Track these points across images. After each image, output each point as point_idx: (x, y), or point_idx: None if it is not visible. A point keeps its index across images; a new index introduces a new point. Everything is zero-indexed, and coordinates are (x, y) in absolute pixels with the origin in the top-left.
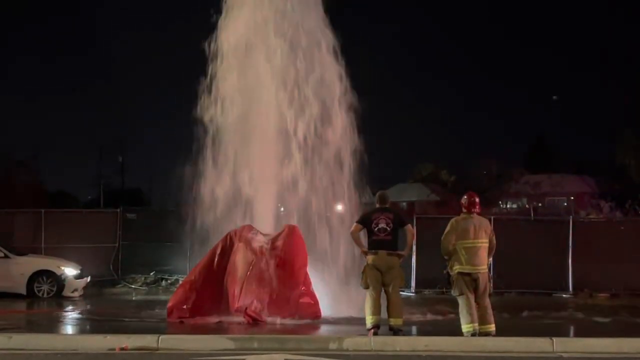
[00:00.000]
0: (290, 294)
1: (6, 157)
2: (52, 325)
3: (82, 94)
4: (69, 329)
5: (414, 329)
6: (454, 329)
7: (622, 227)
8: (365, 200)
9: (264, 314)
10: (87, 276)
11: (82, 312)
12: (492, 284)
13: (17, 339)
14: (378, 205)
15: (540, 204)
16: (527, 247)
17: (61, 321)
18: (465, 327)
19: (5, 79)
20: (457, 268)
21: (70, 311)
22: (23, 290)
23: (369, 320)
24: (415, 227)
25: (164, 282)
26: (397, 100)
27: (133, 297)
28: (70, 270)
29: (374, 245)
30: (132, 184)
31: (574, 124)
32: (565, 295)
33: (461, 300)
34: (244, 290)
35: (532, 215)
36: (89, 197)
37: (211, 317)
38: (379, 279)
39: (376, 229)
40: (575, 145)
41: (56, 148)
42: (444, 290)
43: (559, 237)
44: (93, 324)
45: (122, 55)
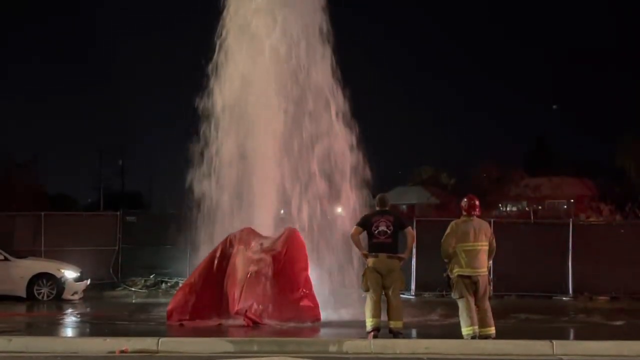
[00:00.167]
0: (290, 297)
1: (6, 160)
2: (52, 328)
3: (82, 96)
4: (69, 331)
5: (414, 331)
6: (454, 332)
7: (622, 230)
8: (365, 203)
9: (264, 316)
10: (87, 279)
11: (82, 315)
12: (492, 287)
13: (17, 341)
14: (378, 208)
15: (540, 207)
16: (527, 250)
17: (61, 324)
18: (465, 330)
19: (6, 81)
20: (457, 271)
21: (70, 314)
22: (23, 293)
23: (369, 323)
24: (415, 230)
25: (163, 284)
26: (397, 102)
27: (133, 300)
28: (70, 273)
29: (375, 248)
30: (132, 187)
31: (574, 126)
32: (565, 298)
33: (461, 303)
34: (244, 293)
35: (532, 218)
36: (89, 200)
37: (211, 320)
38: (379, 282)
39: (376, 232)
40: (575, 148)
41: (56, 151)
42: (444, 293)
43: (559, 240)
44: (93, 327)
45: (123, 58)
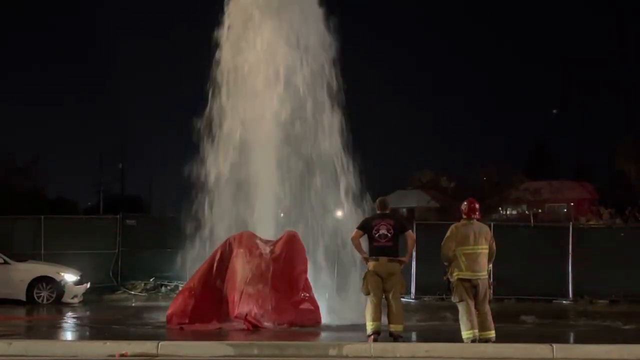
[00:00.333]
0: (290, 300)
1: (6, 164)
2: (51, 332)
3: (82, 99)
4: (69, 335)
5: (414, 335)
6: (454, 336)
7: (622, 234)
8: (365, 206)
9: (264, 320)
10: (87, 282)
11: (81, 319)
12: (492, 290)
13: (17, 345)
14: (379, 211)
15: (540, 211)
16: (527, 254)
17: (61, 327)
18: (465, 334)
19: (6, 83)
20: (457, 274)
21: (69, 317)
22: (23, 297)
23: (370, 326)
24: (415, 234)
25: (163, 288)
26: (397, 106)
27: (133, 304)
28: (69, 277)
29: (375, 251)
30: (132, 190)
31: (574, 130)
32: (565, 301)
33: (461, 307)
34: (243, 296)
35: (532, 221)
36: (89, 203)
37: (211, 324)
38: (379, 285)
39: (377, 235)
40: (575, 152)
41: (56, 154)
42: (444, 296)
43: (558, 244)
44: (93, 330)
45: (123, 62)
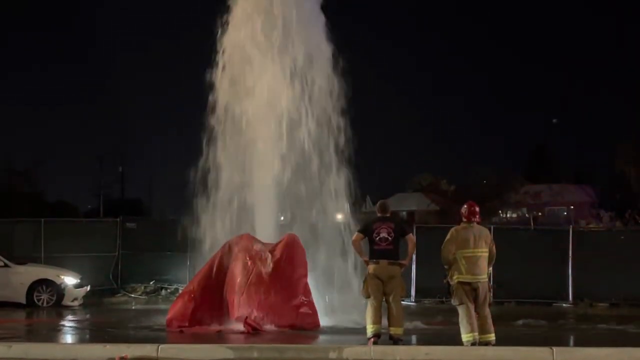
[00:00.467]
0: (289, 304)
1: (6, 167)
2: (51, 335)
3: (82, 103)
4: (69, 338)
5: (414, 338)
6: (454, 339)
7: (622, 237)
8: (365, 210)
9: (264, 323)
10: (87, 285)
11: (81, 321)
12: (492, 294)
13: (17, 348)
14: (379, 214)
15: (540, 214)
16: (527, 257)
17: (61, 330)
18: (465, 337)
19: (5, 84)
20: (457, 277)
21: (69, 320)
22: (23, 300)
23: (370, 329)
24: (415, 237)
25: (163, 291)
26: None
27: (133, 307)
28: (70, 280)
29: (375, 254)
30: (132, 193)
31: (574, 133)
32: (565, 304)
33: (461, 310)
34: (243, 299)
35: (532, 224)
36: (89, 206)
37: (211, 327)
38: (380, 288)
39: (377, 239)
40: (575, 155)
41: (56, 157)
42: (444, 299)
43: (558, 247)
44: (92, 333)
45: (123, 64)
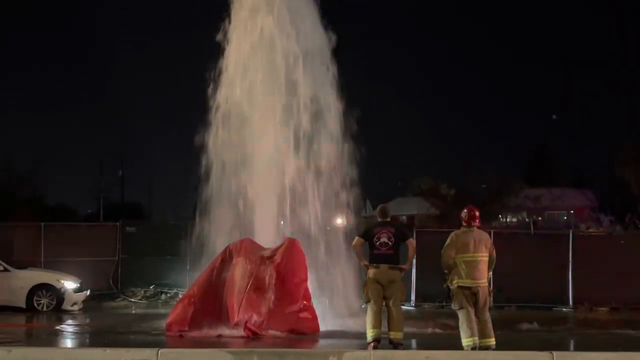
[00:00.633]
0: (289, 309)
1: (6, 171)
2: (51, 339)
3: (82, 106)
4: (69, 342)
5: (414, 342)
6: (454, 343)
7: (622, 241)
8: (365, 214)
9: (264, 327)
10: (87, 290)
11: (81, 326)
12: (492, 298)
13: (17, 352)
14: (379, 219)
15: (540, 218)
16: (527, 261)
17: (60, 334)
18: (466, 341)
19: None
20: (457, 282)
21: (69, 325)
22: (22, 304)
23: (370, 333)
24: (415, 241)
25: (163, 295)
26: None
27: (132, 311)
28: (69, 284)
29: (376, 259)
30: (132, 197)
31: (574, 136)
32: (565, 309)
33: (461, 314)
34: (243, 304)
35: (532, 229)
36: (89, 210)
37: (211, 331)
38: (380, 293)
39: (378, 243)
40: (575, 159)
41: (56, 161)
42: (444, 304)
43: (559, 251)
44: (92, 338)
45: (123, 67)
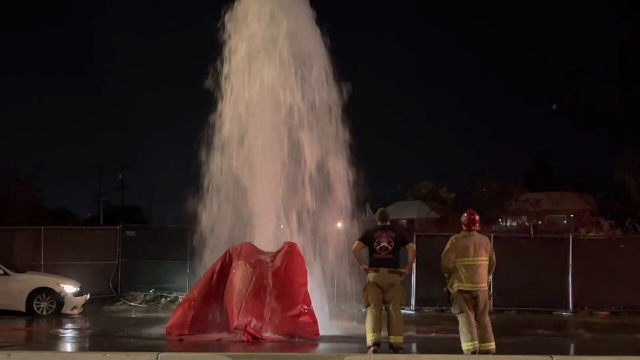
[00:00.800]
0: (289, 313)
1: (6, 175)
2: (51, 343)
3: (82, 109)
4: (68, 346)
5: (414, 346)
6: (454, 347)
7: (622, 245)
8: (365, 218)
9: (264, 331)
10: (87, 293)
11: (81, 330)
12: (492, 302)
13: (16, 356)
14: (379, 223)
15: (540, 222)
16: (527, 265)
17: (60, 338)
18: (465, 345)
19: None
20: (457, 286)
21: (69, 328)
22: (22, 308)
23: (370, 337)
24: (415, 245)
25: (163, 299)
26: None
27: (132, 315)
28: (69, 288)
29: (376, 263)
30: (131, 201)
31: (574, 141)
32: (565, 313)
33: (461, 318)
34: (243, 308)
35: (532, 233)
36: (89, 214)
37: (211, 335)
38: (380, 297)
39: (378, 247)
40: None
41: (56, 165)
42: (444, 307)
43: (558, 255)
44: (92, 342)
45: (123, 69)
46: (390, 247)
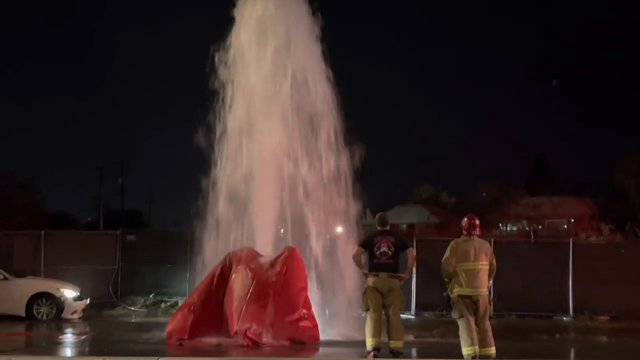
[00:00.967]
0: (289, 317)
1: (6, 178)
2: (51, 348)
3: (83, 114)
4: (68, 351)
5: (414, 351)
6: (455, 352)
7: (623, 250)
8: (365, 222)
9: (264, 336)
10: (87, 298)
11: (81, 334)
12: (492, 307)
13: None
14: (379, 227)
15: (540, 226)
16: (527, 270)
17: (60, 343)
18: (466, 350)
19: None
20: (457, 290)
21: (69, 333)
22: (22, 312)
23: (369, 342)
24: (415, 250)
25: (163, 304)
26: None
27: (132, 319)
28: (69, 292)
29: (375, 267)
30: (132, 205)
31: (574, 145)
32: (566, 318)
33: (461, 323)
34: (243, 312)
35: (532, 237)
36: (89, 218)
37: (210, 340)
38: (379, 301)
39: (378, 252)
40: (575, 167)
41: (56, 169)
42: (444, 312)
43: (559, 260)
44: (92, 346)
45: (123, 71)
46: (390, 252)
